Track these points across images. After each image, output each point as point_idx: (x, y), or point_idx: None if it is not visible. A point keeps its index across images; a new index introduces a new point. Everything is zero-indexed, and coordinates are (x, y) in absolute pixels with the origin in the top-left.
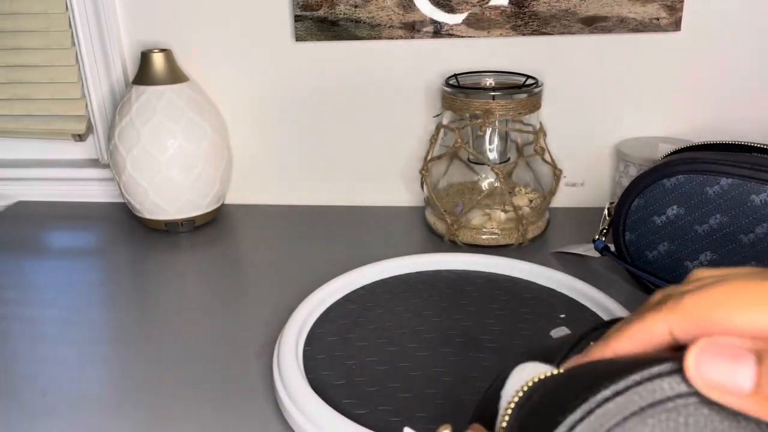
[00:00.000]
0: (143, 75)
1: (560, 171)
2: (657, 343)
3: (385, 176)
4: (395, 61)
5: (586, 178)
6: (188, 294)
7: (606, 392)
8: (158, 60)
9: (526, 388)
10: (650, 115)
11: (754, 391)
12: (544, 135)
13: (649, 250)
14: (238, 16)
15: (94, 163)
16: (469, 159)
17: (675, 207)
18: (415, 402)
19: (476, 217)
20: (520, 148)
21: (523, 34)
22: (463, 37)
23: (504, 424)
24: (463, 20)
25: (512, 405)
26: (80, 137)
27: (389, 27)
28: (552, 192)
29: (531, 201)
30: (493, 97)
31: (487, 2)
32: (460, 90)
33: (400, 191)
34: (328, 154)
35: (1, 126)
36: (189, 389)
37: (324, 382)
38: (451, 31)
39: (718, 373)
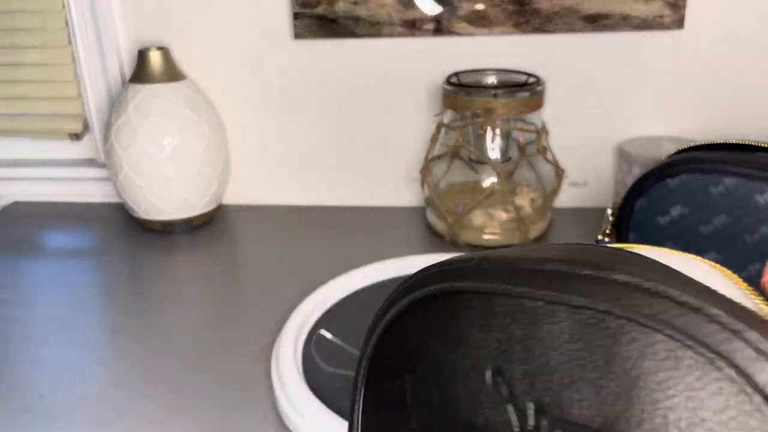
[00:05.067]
0: (140, 73)
1: (563, 171)
2: None
3: (385, 176)
4: (395, 59)
5: (589, 178)
6: (186, 295)
7: None
8: (155, 58)
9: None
10: (654, 114)
11: None
12: (547, 134)
13: None
14: (237, 13)
15: (91, 162)
16: (470, 158)
17: (679, 207)
18: None
19: (477, 218)
20: (521, 147)
21: (525, 32)
22: (464, 35)
23: None
24: (461, 16)
25: None
26: (77, 136)
27: (389, 24)
28: (554, 192)
29: (533, 201)
30: (495, 96)
31: None
32: (461, 88)
33: (400, 191)
34: (327, 154)
35: None
36: (186, 390)
37: (323, 383)
38: (452, 29)
39: None
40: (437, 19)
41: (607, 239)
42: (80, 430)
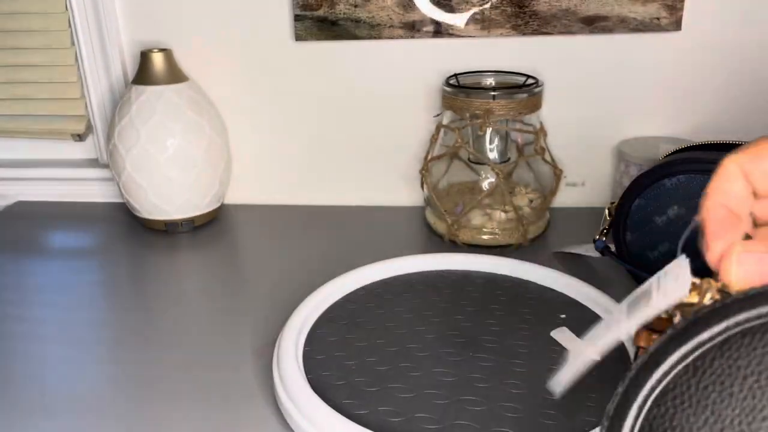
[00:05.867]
0: (143, 75)
1: (561, 171)
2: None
3: (385, 176)
4: (395, 60)
5: (586, 178)
6: (187, 294)
7: None
8: (158, 60)
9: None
10: (651, 114)
11: None
12: (545, 135)
13: (650, 250)
14: (238, 15)
15: (94, 162)
16: (469, 159)
17: (676, 207)
18: (415, 402)
19: (476, 217)
20: (520, 147)
21: (524, 34)
22: (463, 36)
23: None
24: (466, 21)
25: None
26: (80, 137)
27: (389, 26)
28: (552, 192)
29: (531, 201)
30: (494, 97)
31: (488, 1)
32: (460, 90)
33: (400, 191)
34: (327, 154)
35: (1, 126)
36: (188, 390)
37: (324, 382)
38: (451, 31)
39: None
40: (437, 21)
41: (604, 239)
42: (81, 428)
